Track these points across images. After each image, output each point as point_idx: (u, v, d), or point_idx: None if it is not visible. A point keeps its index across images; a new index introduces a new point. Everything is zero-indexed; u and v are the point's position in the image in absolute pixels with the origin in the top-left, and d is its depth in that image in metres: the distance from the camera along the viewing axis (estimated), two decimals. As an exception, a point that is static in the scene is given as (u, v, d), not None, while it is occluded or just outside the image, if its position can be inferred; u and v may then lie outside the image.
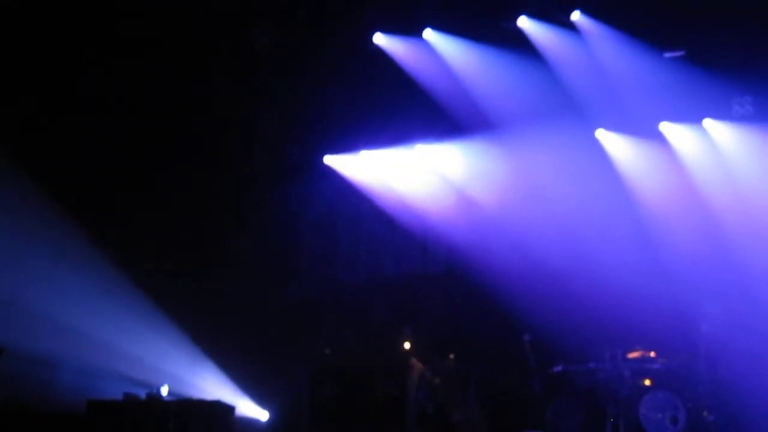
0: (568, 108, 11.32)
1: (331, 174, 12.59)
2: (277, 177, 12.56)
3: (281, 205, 12.42)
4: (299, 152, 12.61)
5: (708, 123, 11.58)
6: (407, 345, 11.40)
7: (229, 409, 10.28)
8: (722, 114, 11.43)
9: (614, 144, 11.87)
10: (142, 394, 10.21)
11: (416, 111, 12.01)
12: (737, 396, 10.29)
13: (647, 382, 10.57)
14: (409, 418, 10.76)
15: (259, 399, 11.55)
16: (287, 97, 12.11)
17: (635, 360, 10.67)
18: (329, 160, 12.65)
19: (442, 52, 11.85)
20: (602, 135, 11.88)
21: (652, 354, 10.73)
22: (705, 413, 10.21)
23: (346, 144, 12.48)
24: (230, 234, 12.29)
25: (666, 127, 11.69)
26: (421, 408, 10.91)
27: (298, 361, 11.31)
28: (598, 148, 11.85)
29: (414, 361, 11.06)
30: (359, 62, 12.02)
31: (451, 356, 11.40)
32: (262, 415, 11.55)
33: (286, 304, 12.14)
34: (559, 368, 10.89)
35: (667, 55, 11.00)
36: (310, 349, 11.55)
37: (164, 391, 10.24)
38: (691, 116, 11.54)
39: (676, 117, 11.60)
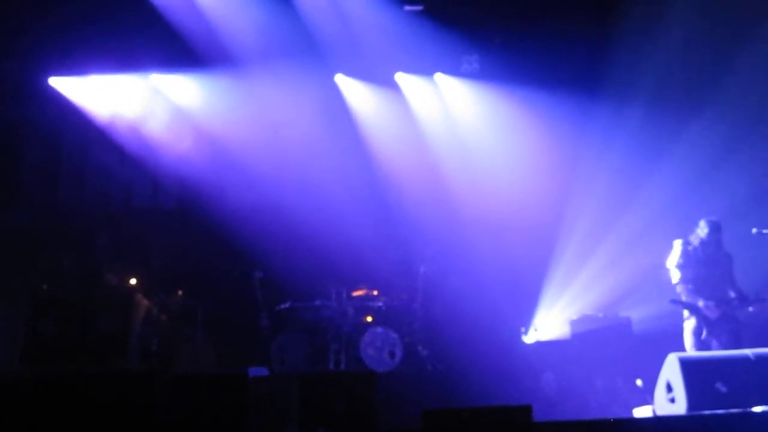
0: (311, 51, 11.44)
1: (56, 96, 11.76)
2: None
3: (-1, 126, 11.41)
4: (18, 70, 11.59)
5: (438, 77, 12.31)
6: (133, 280, 11.06)
7: None
8: (452, 69, 12.19)
9: (352, 89, 12.24)
10: None
11: (153, 38, 11.49)
12: (447, 331, 11.18)
13: (369, 319, 11.14)
14: (131, 354, 10.48)
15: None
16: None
17: (359, 298, 11.18)
18: (55, 81, 11.81)
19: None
20: (341, 80, 12.19)
21: (375, 292, 11.31)
22: (420, 347, 10.98)
23: (75, 66, 11.68)
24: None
25: (401, 78, 12.25)
26: (144, 344, 10.66)
27: (14, 294, 10.55)
28: (336, 92, 12.15)
29: (139, 296, 10.76)
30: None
31: (180, 292, 11.23)
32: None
33: (4, 232, 11.25)
34: (286, 305, 11.13)
35: (407, 8, 11.43)
36: (27, 281, 10.82)
37: None
38: (425, 69, 12.19)
39: (411, 68, 12.20)
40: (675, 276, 8.92)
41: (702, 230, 8.97)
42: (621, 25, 11.07)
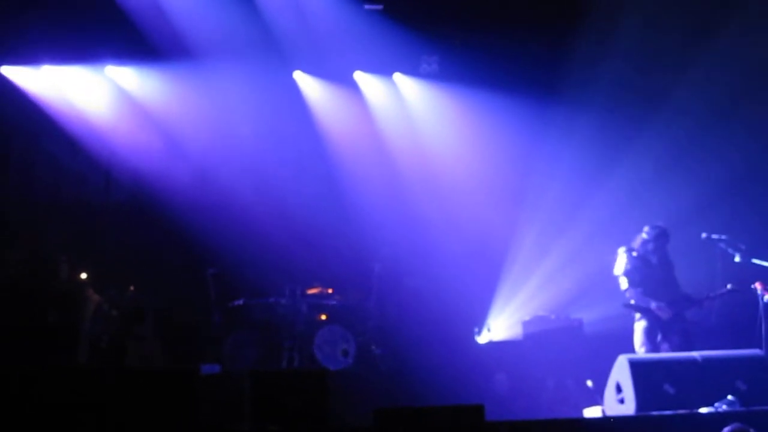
0: (270, 47, 11.38)
1: (8, 86, 11.51)
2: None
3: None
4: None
5: (397, 77, 12.35)
6: (84, 275, 10.87)
7: None
8: (411, 70, 12.23)
9: (310, 87, 12.20)
10: None
11: (110, 29, 11.30)
12: (401, 331, 11.21)
13: (323, 317, 11.11)
14: (81, 350, 10.33)
15: None
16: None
17: (313, 296, 11.12)
18: (7, 71, 11.57)
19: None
20: (299, 77, 12.15)
21: (329, 290, 11.28)
22: (373, 346, 10.98)
23: (28, 56, 11.44)
24: None
25: (359, 77, 12.25)
26: (94, 340, 10.50)
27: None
28: (294, 89, 12.10)
29: (90, 291, 10.59)
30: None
31: (131, 288, 11.08)
32: None
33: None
34: (239, 302, 11.04)
35: (367, 7, 11.43)
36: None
37: None
38: (384, 69, 12.22)
39: (370, 68, 12.21)
40: (623, 283, 9.04)
41: (646, 235, 9.11)
42: (579, 33, 11.23)
